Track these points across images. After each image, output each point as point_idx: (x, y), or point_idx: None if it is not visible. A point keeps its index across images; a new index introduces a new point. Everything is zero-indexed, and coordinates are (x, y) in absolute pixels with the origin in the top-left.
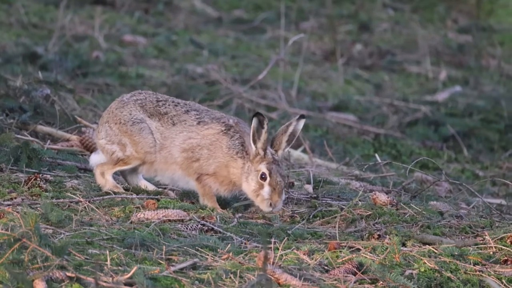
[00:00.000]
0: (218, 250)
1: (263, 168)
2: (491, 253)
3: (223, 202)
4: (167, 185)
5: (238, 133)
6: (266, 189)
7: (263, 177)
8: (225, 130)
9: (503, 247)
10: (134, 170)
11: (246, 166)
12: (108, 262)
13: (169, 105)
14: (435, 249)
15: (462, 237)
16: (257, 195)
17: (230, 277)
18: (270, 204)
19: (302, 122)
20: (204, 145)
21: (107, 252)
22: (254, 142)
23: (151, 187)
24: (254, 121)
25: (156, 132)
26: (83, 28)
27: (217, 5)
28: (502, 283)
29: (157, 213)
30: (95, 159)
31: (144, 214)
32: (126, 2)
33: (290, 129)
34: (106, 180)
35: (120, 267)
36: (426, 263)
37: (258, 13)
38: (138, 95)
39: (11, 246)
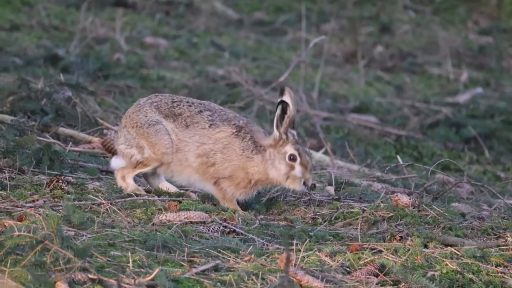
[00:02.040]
0: (240, 252)
1: (290, 150)
2: None
3: (244, 204)
4: (186, 186)
5: (248, 133)
6: (298, 168)
7: (292, 158)
8: (236, 132)
9: None
10: (155, 173)
11: (267, 155)
12: (130, 264)
13: (183, 105)
14: (457, 251)
15: (484, 238)
16: (288, 177)
17: (252, 279)
18: (304, 183)
19: None
20: (217, 150)
21: (129, 254)
22: (277, 127)
23: (173, 189)
24: (279, 109)
25: (172, 133)
26: (104, 30)
27: (237, 7)
28: None
29: (179, 215)
30: (116, 162)
31: (166, 216)
32: (147, 4)
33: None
34: (127, 183)
35: (142, 269)
36: (448, 265)
37: (279, 15)
38: (154, 97)
39: (33, 248)
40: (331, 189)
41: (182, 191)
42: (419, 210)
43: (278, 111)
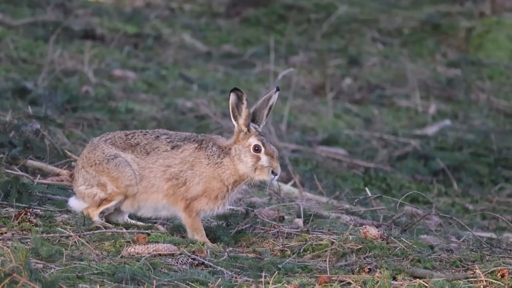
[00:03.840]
0: (209, 284)
1: (254, 141)
2: (482, 287)
3: (213, 236)
4: (152, 218)
5: (210, 141)
6: (264, 158)
7: (256, 149)
8: (198, 146)
9: (493, 281)
10: (118, 210)
11: (233, 152)
12: None
13: (138, 135)
14: (426, 283)
15: (453, 270)
16: (255, 168)
17: None
18: (272, 172)
19: (277, 95)
20: (186, 169)
21: (98, 286)
22: (235, 118)
23: (140, 223)
24: (232, 97)
25: (133, 164)
26: (72, 63)
27: (206, 39)
28: None
29: (147, 248)
30: (74, 203)
31: (134, 248)
32: (116, 37)
33: (271, 102)
34: (94, 222)
35: None
36: None
37: (247, 48)
38: (106, 135)
39: (1, 281)
40: (299, 221)
41: (150, 224)
42: (387, 242)
43: (232, 100)
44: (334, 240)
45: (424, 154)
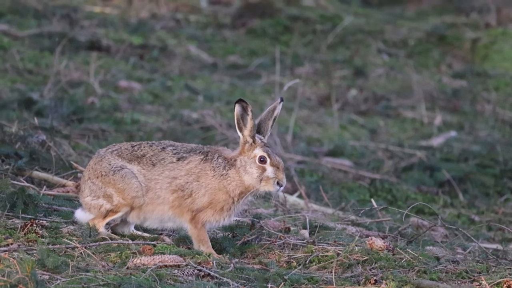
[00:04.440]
0: None
1: (259, 152)
2: None
3: (219, 247)
4: (158, 230)
5: (215, 153)
6: (270, 169)
7: (262, 160)
8: (203, 157)
9: None
10: (124, 221)
11: (239, 163)
12: None
13: (144, 147)
14: None
15: (459, 282)
16: (261, 179)
17: None
18: (278, 183)
19: (281, 105)
20: (192, 180)
21: None
22: (240, 129)
23: (146, 234)
24: (237, 108)
25: (139, 175)
26: (78, 74)
27: (212, 51)
28: None
29: (153, 259)
30: (80, 215)
31: (140, 259)
32: (121, 48)
33: (275, 113)
34: (100, 233)
35: None
36: None
37: (253, 59)
38: (113, 147)
39: None
40: (305, 233)
41: (156, 235)
42: (393, 254)
43: (237, 111)
44: (340, 252)
45: (430, 165)
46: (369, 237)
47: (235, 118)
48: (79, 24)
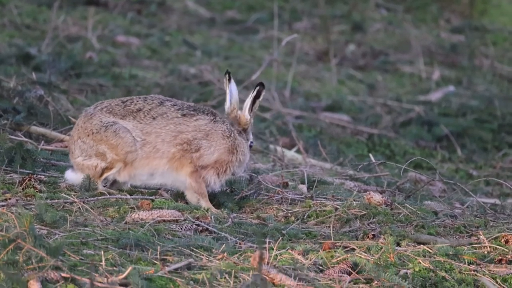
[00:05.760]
0: (213, 250)
1: (251, 137)
2: (486, 252)
3: (217, 202)
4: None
5: (222, 117)
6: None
7: (251, 145)
8: (213, 118)
9: (497, 247)
10: (115, 182)
11: (245, 137)
12: (103, 263)
13: (137, 101)
14: (430, 249)
15: (457, 236)
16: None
17: (225, 277)
18: None
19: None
20: (200, 137)
21: (102, 252)
22: (250, 110)
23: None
24: (257, 90)
25: (135, 130)
26: (76, 29)
27: (210, 5)
28: (497, 282)
29: (151, 214)
30: (71, 176)
31: (138, 214)
32: (119, 3)
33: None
34: (97, 188)
35: (115, 268)
36: (420, 263)
37: (251, 14)
38: (101, 104)
39: (5, 247)
40: (303, 188)
41: (154, 190)
42: (391, 208)
43: (255, 93)
44: (338, 206)
45: (428, 120)
46: (367, 192)
47: (251, 99)
48: None
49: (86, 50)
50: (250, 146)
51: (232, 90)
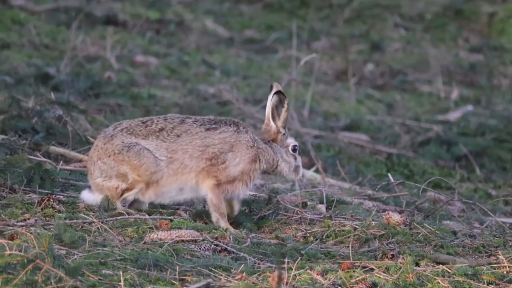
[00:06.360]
0: (232, 270)
1: (292, 141)
2: (505, 272)
3: (236, 222)
4: (170, 205)
5: (245, 127)
6: (299, 158)
7: (294, 149)
8: (236, 129)
9: None
10: (137, 201)
11: (276, 148)
12: (122, 283)
13: (158, 121)
14: (449, 269)
15: (476, 256)
16: (291, 167)
17: None
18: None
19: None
20: (226, 150)
21: (121, 272)
22: (274, 119)
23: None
24: (275, 98)
25: (160, 149)
26: (95, 48)
27: (228, 25)
28: None
29: (170, 234)
30: (88, 197)
31: (157, 234)
32: (138, 23)
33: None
34: (116, 208)
35: None
36: (439, 283)
37: (269, 33)
38: (120, 125)
39: (24, 267)
40: (322, 207)
41: (172, 210)
42: (410, 228)
43: (274, 102)
44: (357, 226)
45: (447, 140)
46: (386, 212)
47: (270, 107)
48: None
49: (105, 70)
50: (294, 150)
51: (269, 101)
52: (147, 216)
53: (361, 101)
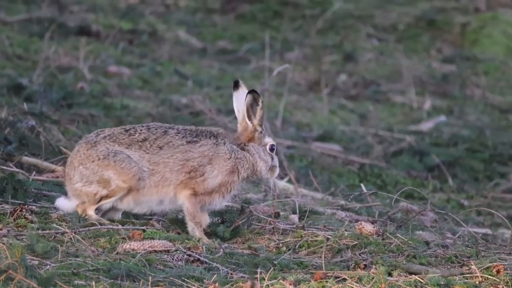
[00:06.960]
0: (204, 280)
1: (270, 140)
2: (477, 282)
3: (209, 232)
4: (146, 214)
5: (225, 136)
6: (275, 158)
7: (272, 148)
8: (215, 141)
9: (489, 277)
10: (114, 208)
11: (252, 149)
12: None
13: (141, 130)
14: (421, 279)
15: (448, 266)
16: (268, 166)
17: None
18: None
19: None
20: (205, 163)
21: (93, 283)
22: (249, 118)
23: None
24: (249, 98)
25: (142, 160)
26: (67, 59)
27: (201, 36)
28: None
29: (143, 244)
30: (63, 204)
31: (130, 245)
32: (111, 33)
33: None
34: (89, 216)
35: None
36: None
37: (242, 44)
38: (103, 132)
39: None
40: (295, 218)
41: (145, 220)
42: (383, 238)
43: (249, 101)
44: (330, 236)
45: (419, 150)
46: (359, 222)
47: (245, 107)
48: (68, 9)
49: (78, 81)
50: (272, 149)
51: (239, 99)
52: (120, 226)
53: (334, 112)
